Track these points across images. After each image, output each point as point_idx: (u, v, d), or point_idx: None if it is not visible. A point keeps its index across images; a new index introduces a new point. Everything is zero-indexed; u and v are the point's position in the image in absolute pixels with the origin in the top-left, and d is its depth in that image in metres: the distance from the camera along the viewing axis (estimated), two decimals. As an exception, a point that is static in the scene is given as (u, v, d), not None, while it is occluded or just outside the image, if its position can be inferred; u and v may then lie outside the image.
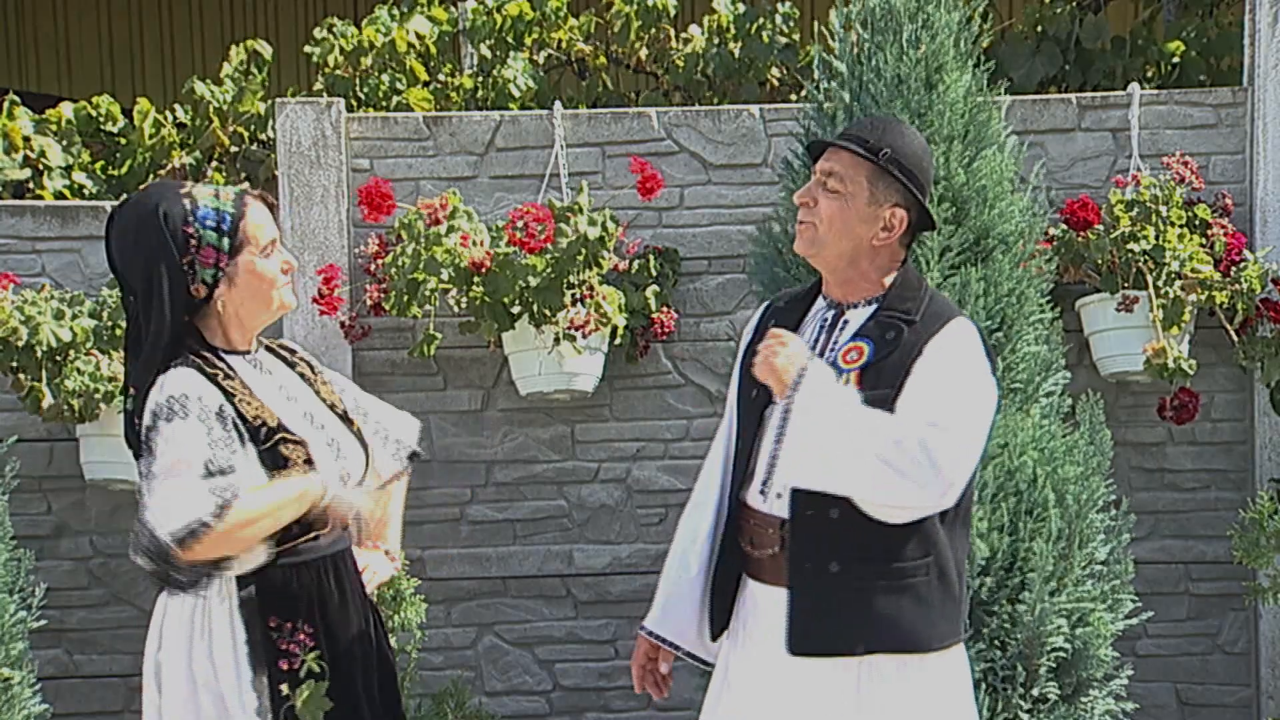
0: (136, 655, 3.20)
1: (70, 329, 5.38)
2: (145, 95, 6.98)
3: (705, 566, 3.26)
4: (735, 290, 5.72)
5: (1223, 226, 5.42)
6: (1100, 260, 5.30)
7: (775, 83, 6.58)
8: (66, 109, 6.47)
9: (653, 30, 6.62)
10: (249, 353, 3.13)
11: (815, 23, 4.68)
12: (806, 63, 6.55)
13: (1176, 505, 5.66)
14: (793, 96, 6.52)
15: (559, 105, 5.82)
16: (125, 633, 5.62)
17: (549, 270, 5.26)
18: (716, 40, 6.58)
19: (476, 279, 5.30)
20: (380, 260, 5.48)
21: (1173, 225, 5.27)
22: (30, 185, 6.21)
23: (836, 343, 3.15)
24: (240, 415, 2.98)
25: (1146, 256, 5.23)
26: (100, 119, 6.53)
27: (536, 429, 5.73)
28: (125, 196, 3.12)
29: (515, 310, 5.32)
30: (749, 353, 3.24)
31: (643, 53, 6.69)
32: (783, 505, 3.10)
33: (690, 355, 5.74)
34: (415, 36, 6.60)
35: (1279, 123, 5.58)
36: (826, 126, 4.51)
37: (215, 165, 6.41)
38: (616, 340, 5.49)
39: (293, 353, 3.27)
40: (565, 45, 6.76)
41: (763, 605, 3.15)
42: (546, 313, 5.26)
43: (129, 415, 3.04)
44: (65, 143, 6.32)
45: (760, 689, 3.14)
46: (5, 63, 10.16)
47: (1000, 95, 4.69)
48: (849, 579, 3.05)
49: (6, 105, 6.32)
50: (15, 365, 5.37)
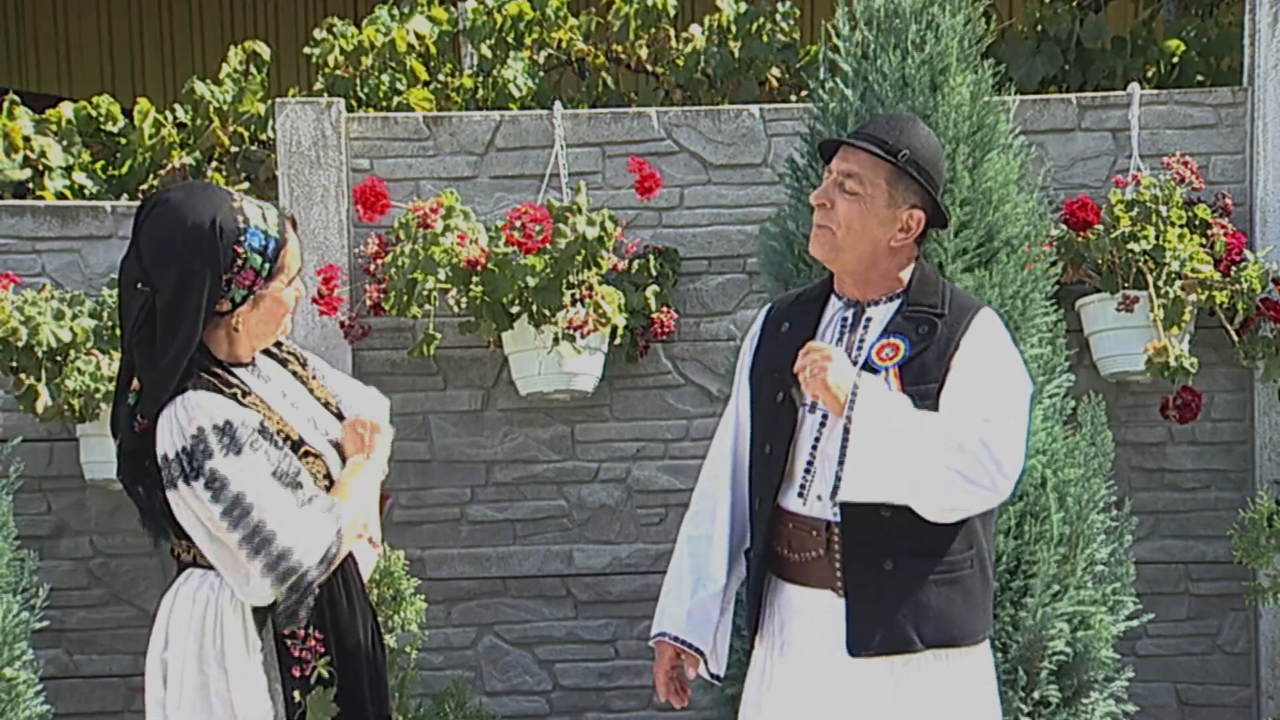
0: (136, 655, 3.20)
1: (70, 329, 5.38)
2: (145, 95, 6.98)
3: (726, 576, 3.25)
4: (735, 290, 5.72)
5: (1223, 226, 5.42)
6: (1100, 260, 5.30)
7: (775, 83, 6.58)
8: (66, 109, 6.47)
9: (653, 30, 6.62)
10: (250, 364, 3.10)
11: (814, 23, 4.69)
12: (806, 63, 6.55)
13: (1176, 505, 5.66)
14: (793, 97, 6.52)
15: (559, 105, 5.83)
16: (125, 633, 5.62)
17: (548, 270, 5.26)
18: (716, 40, 6.58)
19: (475, 279, 5.30)
20: (380, 260, 5.48)
21: (1173, 225, 5.27)
22: (30, 185, 6.21)
23: (863, 340, 3.15)
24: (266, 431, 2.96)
25: (1146, 256, 5.23)
26: (100, 119, 6.53)
27: (536, 429, 5.73)
28: (167, 190, 3.06)
29: (514, 310, 5.32)
30: (759, 356, 3.24)
31: (643, 52, 6.69)
32: (824, 507, 3.10)
33: (690, 355, 5.74)
34: (415, 36, 6.60)
35: (1279, 123, 5.58)
36: (832, 127, 4.51)
37: (215, 165, 6.41)
38: (616, 340, 5.49)
39: (278, 346, 3.20)
40: (565, 45, 6.76)
41: (804, 609, 3.14)
42: (546, 313, 5.26)
43: (130, 410, 2.99)
44: (65, 143, 6.33)
45: (810, 691, 3.12)
46: (5, 63, 10.16)
47: (1011, 96, 4.70)
48: (903, 576, 3.06)
49: (6, 105, 6.32)
50: (15, 365, 5.37)
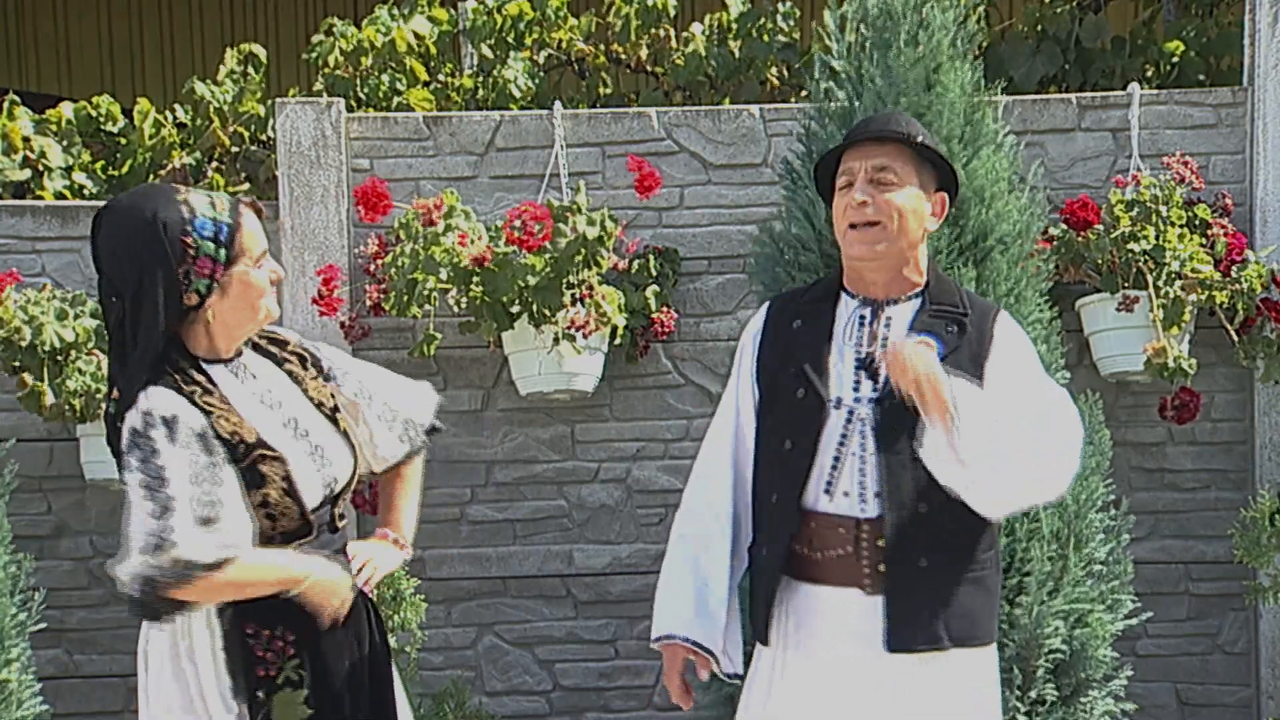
0: (136, 655, 3.20)
1: (73, 329, 5.38)
2: (145, 95, 6.98)
3: (729, 575, 3.23)
4: (735, 290, 5.72)
5: (1223, 226, 5.42)
6: (1100, 260, 5.30)
7: (775, 83, 6.58)
8: (66, 109, 6.47)
9: (653, 30, 6.62)
10: (231, 359, 3.06)
11: (814, 23, 4.68)
12: (806, 63, 6.55)
13: (1176, 505, 5.66)
14: (793, 97, 6.52)
15: (559, 105, 5.83)
16: (125, 633, 5.62)
17: (548, 270, 5.26)
18: (717, 40, 6.58)
19: (475, 279, 5.30)
20: (380, 260, 5.48)
21: (1173, 225, 5.27)
22: (30, 185, 6.21)
23: (885, 338, 3.15)
24: (217, 434, 2.92)
25: (1146, 256, 5.23)
26: (100, 119, 6.53)
27: (536, 429, 5.73)
28: (113, 198, 3.06)
29: (515, 310, 5.32)
30: (766, 352, 3.22)
31: (643, 53, 6.69)
32: (851, 504, 3.10)
33: (690, 355, 5.74)
34: (415, 36, 6.60)
35: (1279, 123, 5.58)
36: (828, 127, 4.52)
37: (215, 165, 6.41)
38: (616, 340, 5.49)
39: (284, 345, 3.19)
40: (565, 45, 6.76)
41: (824, 608, 3.13)
42: (546, 313, 5.26)
43: (110, 418, 3.00)
44: (65, 143, 6.32)
45: (829, 690, 3.12)
46: (5, 63, 10.16)
47: (998, 95, 4.70)
48: (936, 574, 3.08)
49: (6, 105, 6.33)
50: (18, 365, 5.37)
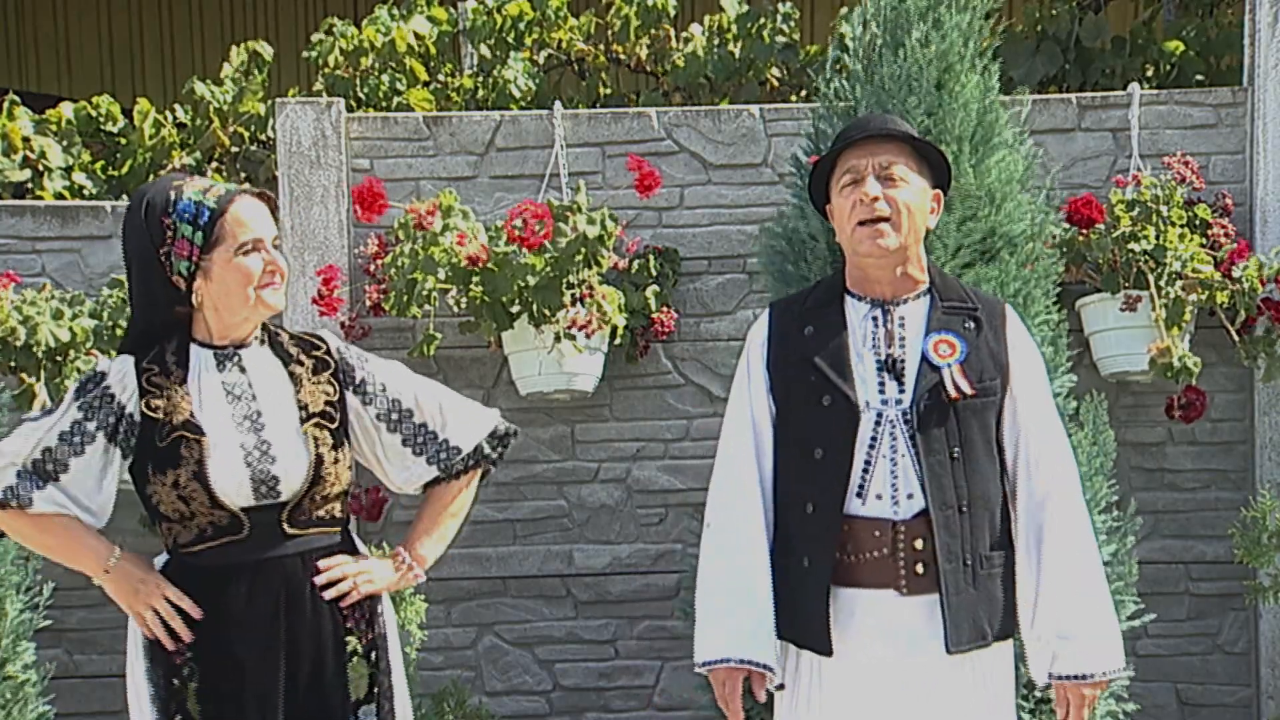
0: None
1: (69, 329, 5.38)
2: (145, 95, 6.98)
3: (771, 587, 3.21)
4: (735, 290, 5.72)
5: (1223, 226, 5.42)
6: (1101, 260, 5.30)
7: (775, 83, 6.58)
8: (66, 109, 6.47)
9: (653, 30, 6.62)
10: (230, 348, 3.11)
11: (814, 23, 4.69)
12: (806, 62, 6.55)
13: (1176, 505, 5.66)
14: (793, 97, 6.52)
15: (559, 105, 5.83)
16: (125, 633, 5.61)
17: (548, 269, 5.26)
18: (717, 40, 6.58)
19: (475, 279, 5.29)
20: (380, 260, 5.48)
21: (1173, 225, 5.27)
22: (30, 185, 6.21)
23: (903, 339, 3.16)
24: (146, 413, 3.02)
25: (1147, 256, 5.23)
26: (100, 119, 6.53)
27: (536, 429, 5.73)
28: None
29: (514, 310, 5.32)
30: (778, 361, 3.20)
31: (643, 53, 6.69)
32: (884, 506, 3.10)
33: (690, 355, 5.74)
34: (415, 36, 6.60)
35: (1279, 123, 5.58)
36: (837, 125, 4.52)
37: (215, 165, 6.41)
38: (616, 340, 5.49)
39: (313, 347, 3.20)
40: (565, 45, 6.76)
41: (859, 611, 3.13)
42: (546, 312, 5.26)
43: None
44: (65, 143, 6.33)
45: (865, 692, 3.13)
46: (5, 63, 10.16)
47: (1018, 96, 4.70)
48: (978, 571, 3.10)
49: (6, 105, 6.33)
50: (14, 365, 5.37)
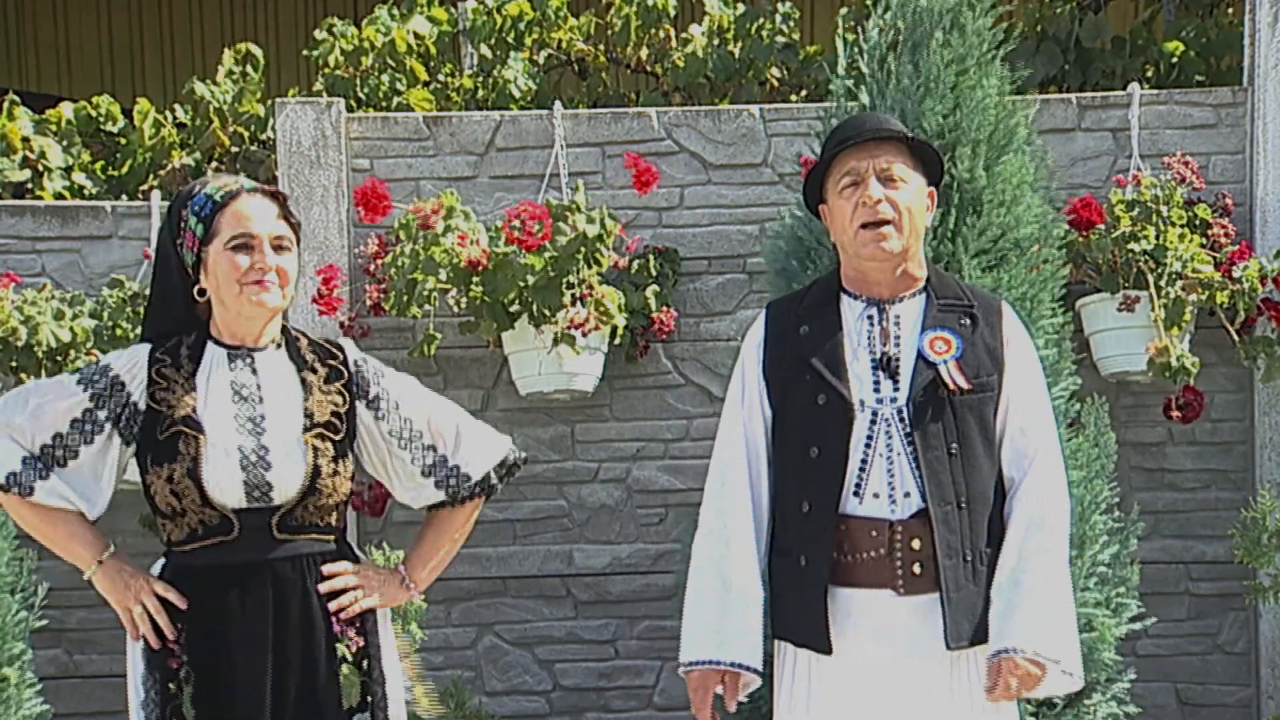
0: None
1: (70, 329, 5.38)
2: (145, 95, 6.98)
3: (761, 590, 3.21)
4: (735, 290, 5.72)
5: (1223, 227, 5.42)
6: (1101, 260, 5.30)
7: (775, 83, 6.58)
8: (66, 109, 6.47)
9: (653, 30, 6.62)
10: (246, 347, 3.10)
11: (814, 23, 4.69)
12: (806, 63, 6.55)
13: (1176, 505, 5.66)
14: (793, 96, 6.52)
15: (559, 105, 5.82)
16: (125, 633, 5.61)
17: (548, 269, 5.26)
18: (716, 40, 6.58)
19: (475, 279, 5.29)
20: (380, 260, 5.48)
21: (1173, 225, 5.27)
22: (30, 185, 6.21)
23: (898, 337, 3.16)
24: (152, 405, 3.02)
25: (1147, 256, 5.23)
26: (100, 119, 6.53)
27: (536, 429, 5.73)
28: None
29: (514, 310, 5.32)
30: (774, 361, 3.20)
31: (643, 53, 6.69)
32: (881, 506, 3.10)
33: (690, 355, 5.74)
34: (415, 37, 6.60)
35: (1279, 123, 5.58)
36: (845, 126, 4.52)
37: (215, 166, 6.41)
38: (616, 340, 5.49)
39: (330, 355, 3.18)
40: (565, 45, 6.76)
41: (856, 611, 3.12)
42: (546, 312, 5.26)
43: None
44: (65, 143, 6.33)
45: (863, 693, 3.12)
46: (5, 63, 10.16)
47: (1030, 97, 4.71)
48: (978, 567, 3.09)
49: (6, 105, 6.32)
50: (15, 365, 5.37)
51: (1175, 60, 6.51)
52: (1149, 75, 6.50)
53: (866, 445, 3.10)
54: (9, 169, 6.14)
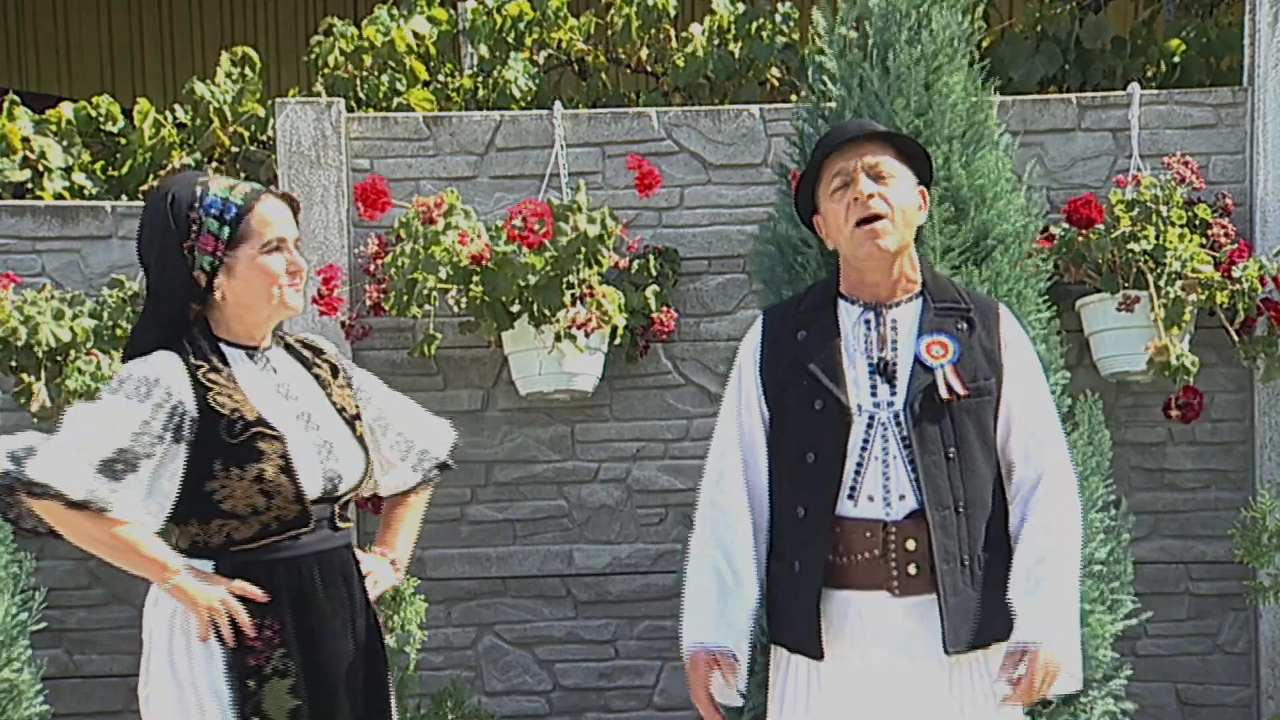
0: (136, 655, 3.21)
1: (70, 329, 5.38)
2: (145, 95, 6.98)
3: (757, 588, 3.21)
4: (735, 290, 5.72)
5: (1223, 226, 5.42)
6: (1101, 260, 5.30)
7: (775, 83, 6.58)
8: (66, 109, 6.47)
9: (653, 30, 6.62)
10: (255, 348, 3.15)
11: (813, 24, 4.69)
12: (805, 62, 6.55)
13: (1176, 505, 5.66)
14: (793, 96, 6.52)
15: (559, 105, 5.83)
16: (125, 633, 5.62)
17: (548, 269, 5.26)
18: (716, 40, 6.58)
19: (475, 278, 5.29)
20: (380, 260, 5.48)
21: (1173, 225, 5.28)
22: (30, 185, 6.21)
23: (895, 342, 3.16)
24: (212, 408, 3.01)
25: (1147, 256, 5.23)
26: (100, 119, 6.53)
27: (536, 429, 5.73)
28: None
29: (515, 310, 5.32)
30: (772, 365, 3.20)
31: (643, 53, 6.69)
32: (876, 508, 3.09)
33: (690, 355, 5.74)
34: (415, 36, 6.60)
35: (1279, 123, 5.58)
36: (823, 128, 4.52)
37: (215, 166, 6.41)
38: (616, 340, 5.49)
39: (319, 353, 3.28)
40: (565, 45, 6.76)
41: (852, 613, 3.12)
42: (546, 312, 5.26)
43: None
44: (65, 143, 6.33)
45: (862, 696, 3.12)
46: (5, 63, 10.16)
47: (995, 95, 4.70)
48: (975, 571, 3.08)
49: (6, 105, 6.32)
50: (15, 365, 5.37)
51: (1175, 60, 6.51)
52: (1149, 75, 6.50)
53: (863, 449, 3.10)
54: (9, 169, 6.14)
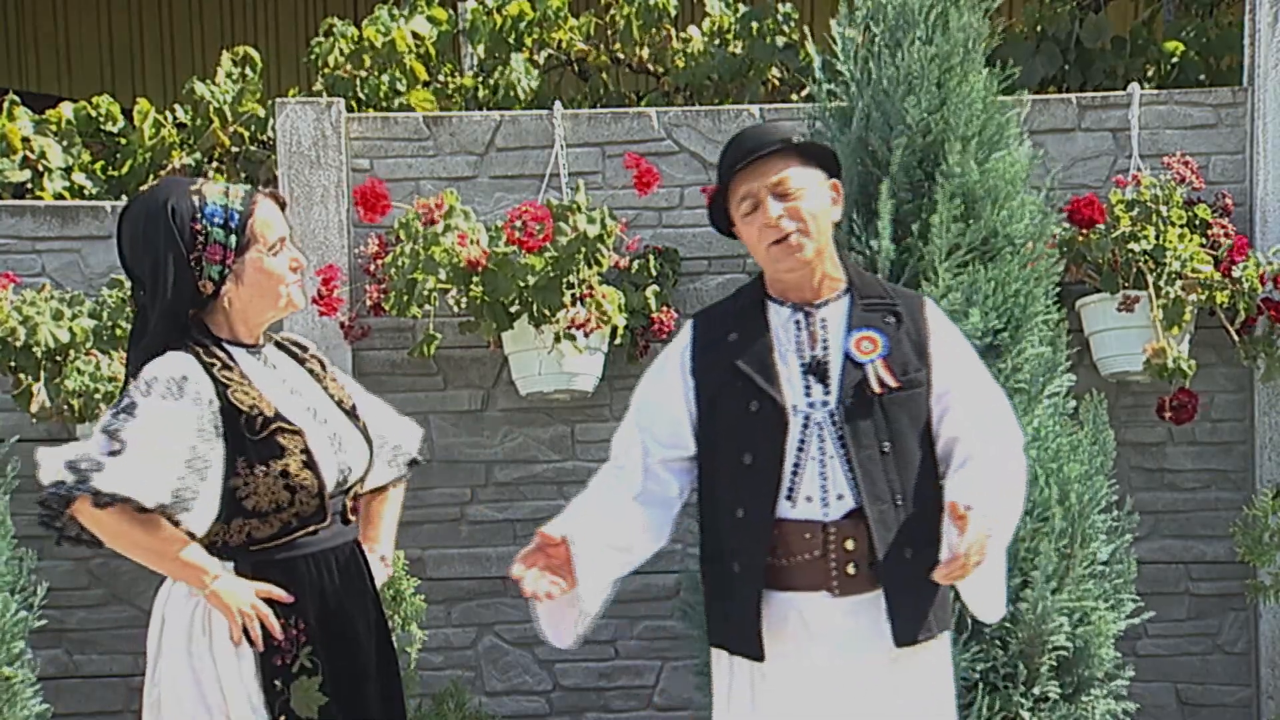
0: (136, 655, 3.22)
1: (69, 329, 5.38)
2: (145, 95, 6.98)
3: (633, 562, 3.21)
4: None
5: (1223, 226, 5.42)
6: (1101, 260, 5.30)
7: (776, 83, 6.58)
8: (66, 109, 6.47)
9: (653, 30, 6.62)
10: (254, 347, 3.16)
11: (815, 23, 4.70)
12: (807, 63, 6.55)
13: (1176, 505, 5.66)
14: (793, 96, 6.52)
15: (559, 105, 5.82)
16: (125, 633, 5.62)
17: (548, 269, 5.26)
18: (717, 41, 6.58)
19: (475, 279, 5.30)
20: (380, 260, 5.48)
21: (1173, 225, 5.28)
22: (30, 185, 6.21)
23: (825, 341, 3.16)
24: (233, 405, 3.01)
25: (1147, 256, 5.24)
26: (100, 119, 6.53)
27: (536, 429, 5.73)
28: (135, 194, 3.15)
29: (515, 310, 5.32)
30: (704, 369, 3.19)
31: (643, 53, 6.69)
32: (814, 508, 3.09)
33: (690, 355, 5.74)
34: (415, 37, 6.60)
35: (1279, 123, 5.58)
36: (834, 127, 4.53)
37: (215, 166, 6.41)
38: (616, 340, 5.49)
39: (304, 350, 3.30)
40: (565, 45, 6.76)
41: (792, 613, 3.12)
42: (546, 312, 5.26)
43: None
44: (65, 143, 6.33)
45: (804, 695, 3.12)
46: (5, 63, 10.16)
47: (1023, 96, 4.71)
48: (922, 562, 3.07)
49: (6, 105, 6.33)
50: (14, 365, 5.37)
51: (1175, 60, 6.51)
52: (1149, 75, 6.50)
53: (800, 450, 3.11)
54: (9, 169, 6.14)
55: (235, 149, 6.44)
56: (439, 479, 5.66)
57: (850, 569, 3.09)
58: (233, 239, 3.06)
